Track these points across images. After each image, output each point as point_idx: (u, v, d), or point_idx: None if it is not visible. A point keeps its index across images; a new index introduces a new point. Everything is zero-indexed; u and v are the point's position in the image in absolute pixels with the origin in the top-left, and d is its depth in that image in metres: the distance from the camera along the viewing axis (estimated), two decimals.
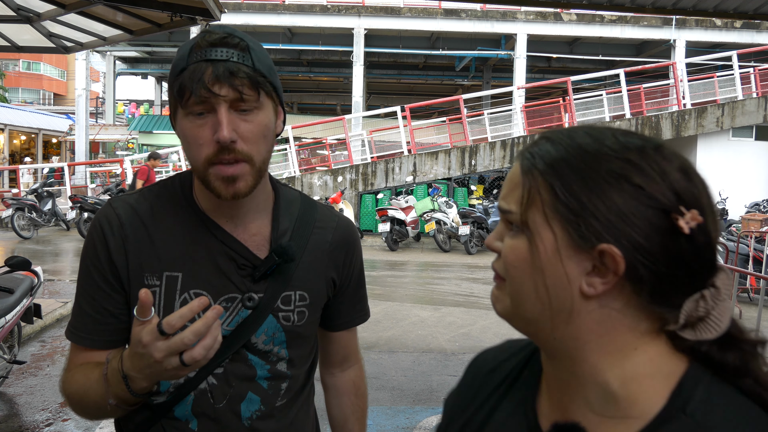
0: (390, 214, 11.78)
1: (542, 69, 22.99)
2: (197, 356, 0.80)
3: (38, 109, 31.97)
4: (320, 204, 1.15)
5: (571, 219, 0.58)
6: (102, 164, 20.23)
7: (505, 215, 0.63)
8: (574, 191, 0.58)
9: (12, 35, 4.88)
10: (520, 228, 0.61)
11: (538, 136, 0.64)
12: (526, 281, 0.61)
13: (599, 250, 0.56)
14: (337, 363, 1.22)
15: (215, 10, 3.87)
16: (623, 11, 5.03)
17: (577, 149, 0.60)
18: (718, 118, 15.28)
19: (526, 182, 0.61)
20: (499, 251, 0.64)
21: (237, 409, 1.01)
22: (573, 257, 0.58)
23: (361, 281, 1.18)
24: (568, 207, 0.58)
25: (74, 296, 1.03)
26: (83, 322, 0.99)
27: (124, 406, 0.91)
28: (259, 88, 0.91)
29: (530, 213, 0.60)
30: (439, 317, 6.50)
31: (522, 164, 0.62)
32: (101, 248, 0.98)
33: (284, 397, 1.05)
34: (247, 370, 1.01)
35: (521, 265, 0.61)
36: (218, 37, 0.90)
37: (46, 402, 3.99)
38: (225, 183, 0.93)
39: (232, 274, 1.00)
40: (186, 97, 0.89)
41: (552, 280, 0.59)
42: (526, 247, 0.60)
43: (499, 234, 0.65)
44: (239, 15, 18.10)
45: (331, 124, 16.54)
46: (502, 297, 0.64)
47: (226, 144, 0.90)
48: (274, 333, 1.03)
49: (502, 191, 0.65)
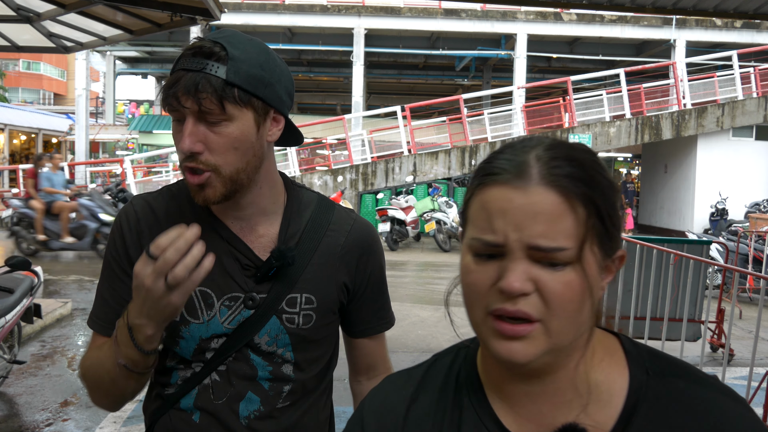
0: (390, 214, 11.78)
1: (542, 69, 22.98)
2: (179, 274, 0.81)
3: (38, 109, 31.95)
4: (339, 207, 1.14)
5: (605, 235, 0.59)
6: (102, 164, 20.22)
7: (549, 253, 0.57)
8: (607, 208, 0.59)
9: (12, 35, 4.88)
10: (573, 261, 0.57)
11: (538, 152, 0.60)
12: (577, 312, 0.58)
13: (620, 256, 0.62)
14: (363, 371, 1.20)
15: (215, 10, 3.86)
16: (623, 11, 5.03)
17: (591, 164, 0.60)
18: (718, 118, 15.28)
19: (577, 211, 0.57)
20: (528, 292, 0.57)
21: (236, 407, 1.02)
22: (601, 269, 0.61)
23: (381, 287, 1.16)
24: (604, 223, 0.59)
25: (96, 287, 1.09)
26: (104, 311, 1.05)
27: (134, 369, 0.92)
28: (224, 102, 0.92)
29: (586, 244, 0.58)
30: (439, 317, 6.50)
31: (558, 189, 0.57)
32: (119, 242, 1.04)
33: (287, 400, 1.05)
34: (248, 370, 1.02)
35: (577, 297, 0.58)
36: (197, 46, 0.93)
37: (46, 402, 3.99)
38: (194, 190, 0.97)
39: (235, 274, 1.01)
40: (163, 105, 0.94)
41: (596, 299, 0.60)
42: (580, 278, 0.58)
43: (528, 274, 0.57)
44: (239, 15, 18.09)
45: (331, 124, 16.53)
46: (534, 340, 0.58)
47: (188, 154, 0.93)
48: (277, 335, 1.03)
49: (532, 227, 0.57)
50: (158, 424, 1.05)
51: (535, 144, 0.61)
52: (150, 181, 16.46)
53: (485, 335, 0.61)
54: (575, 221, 0.57)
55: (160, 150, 16.87)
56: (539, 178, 0.58)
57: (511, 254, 0.58)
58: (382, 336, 1.20)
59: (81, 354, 5.07)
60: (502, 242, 0.58)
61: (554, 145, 0.61)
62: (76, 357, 4.99)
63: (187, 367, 1.03)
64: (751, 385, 3.57)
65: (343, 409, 1.65)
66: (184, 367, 1.03)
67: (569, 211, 0.57)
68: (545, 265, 0.57)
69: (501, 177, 0.59)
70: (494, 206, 0.59)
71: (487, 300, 0.59)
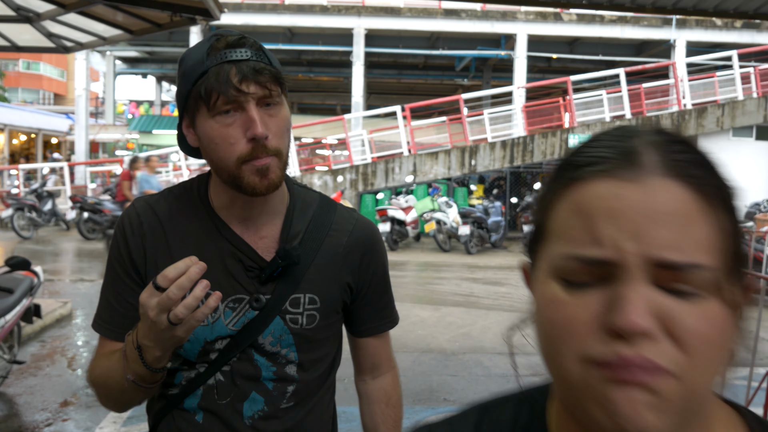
0: (390, 214, 11.78)
1: (542, 69, 22.98)
2: (179, 314, 0.81)
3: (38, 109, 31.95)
4: (342, 207, 1.14)
5: (738, 254, 0.43)
6: (102, 164, 20.23)
7: (682, 273, 0.40)
8: (738, 216, 0.43)
9: (12, 35, 4.88)
10: (708, 288, 0.40)
11: (656, 137, 0.44)
12: (717, 356, 0.41)
13: (748, 282, 0.44)
14: (368, 370, 1.20)
15: (215, 10, 3.87)
16: (623, 11, 5.03)
17: (712, 158, 0.44)
18: (718, 118, 15.28)
19: (717, 214, 0.41)
20: (652, 334, 0.39)
21: (239, 407, 1.02)
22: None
23: (385, 286, 1.17)
24: (736, 229, 0.43)
25: (100, 290, 1.08)
26: (109, 314, 1.05)
27: (142, 384, 0.93)
28: (281, 84, 0.96)
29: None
30: (439, 317, 6.50)
31: (692, 183, 0.41)
32: (123, 245, 1.04)
33: (291, 400, 1.05)
34: (252, 370, 1.02)
35: (724, 343, 0.41)
36: (235, 39, 0.94)
37: (46, 402, 3.99)
38: (260, 176, 0.95)
39: (239, 276, 1.02)
40: (214, 99, 0.92)
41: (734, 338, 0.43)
42: (724, 314, 0.41)
43: (652, 304, 0.40)
44: (239, 15, 18.09)
45: (331, 124, 16.53)
46: (665, 405, 0.40)
47: (263, 139, 0.93)
48: (281, 335, 1.03)
49: (656, 233, 0.40)
50: (162, 424, 1.05)
51: (639, 130, 0.45)
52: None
53: (584, 393, 0.42)
54: (716, 228, 0.41)
55: (160, 150, 16.86)
56: (660, 166, 0.41)
57: (625, 275, 0.40)
58: (387, 335, 1.20)
59: (81, 354, 5.08)
60: (613, 257, 0.40)
61: (664, 131, 0.45)
62: (76, 357, 4.99)
63: (191, 368, 1.03)
64: (752, 385, 3.57)
65: (343, 409, 1.65)
66: (188, 368, 1.03)
67: (706, 212, 0.41)
68: (672, 293, 0.40)
69: (604, 167, 0.42)
70: (599, 206, 0.41)
71: (587, 344, 0.41)
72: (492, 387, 4.39)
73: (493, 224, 12.34)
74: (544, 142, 14.53)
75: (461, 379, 4.60)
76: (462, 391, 4.33)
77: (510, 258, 11.51)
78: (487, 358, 5.11)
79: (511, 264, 10.75)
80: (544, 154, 14.53)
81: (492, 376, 4.66)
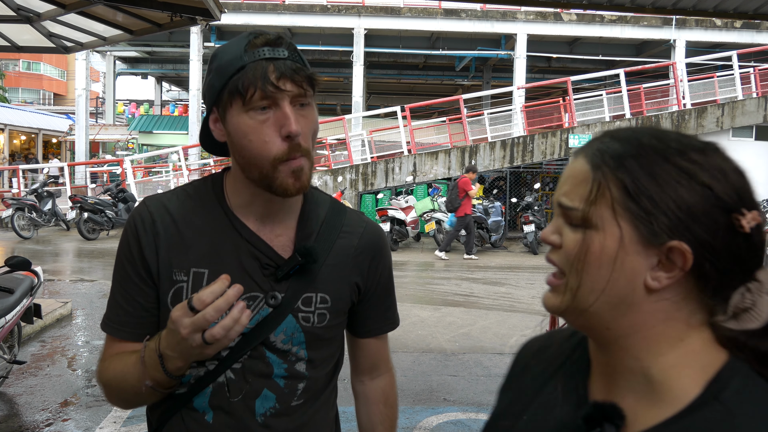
0: (390, 214, 11.78)
1: (542, 69, 22.99)
2: (216, 335, 0.84)
3: (38, 109, 31.98)
4: (350, 210, 1.16)
5: (642, 216, 0.59)
6: (102, 164, 20.23)
7: (566, 211, 0.64)
8: (645, 188, 0.59)
9: (12, 35, 4.88)
10: (583, 223, 0.62)
11: (602, 134, 0.66)
12: (590, 274, 0.62)
13: (669, 247, 0.59)
14: (366, 371, 1.22)
15: (215, 10, 3.87)
16: (623, 11, 5.03)
17: (645, 147, 0.61)
18: (718, 118, 15.29)
19: (595, 178, 0.62)
20: (556, 244, 0.65)
21: (251, 405, 1.02)
22: (640, 252, 0.60)
23: (389, 288, 1.18)
24: (639, 204, 0.59)
25: (109, 289, 1.07)
26: (117, 314, 1.04)
27: (159, 389, 0.95)
28: (314, 86, 0.96)
29: (597, 209, 0.61)
30: (439, 317, 6.50)
31: (591, 161, 0.63)
32: (134, 244, 1.03)
33: (301, 397, 1.06)
34: (264, 368, 1.03)
35: (587, 258, 0.62)
36: (273, 38, 0.95)
37: (46, 402, 3.99)
38: (294, 177, 0.96)
39: (255, 273, 1.02)
40: (250, 93, 0.92)
41: (617, 273, 0.61)
42: (591, 241, 0.62)
43: (556, 228, 0.66)
44: (239, 15, 18.10)
45: (331, 124, 16.54)
46: (559, 292, 0.65)
47: (298, 137, 0.94)
48: (293, 333, 1.04)
49: (562, 187, 0.65)
50: (168, 425, 1.04)
51: (601, 134, 0.67)
52: (150, 182, 16.48)
53: None
54: (593, 187, 0.62)
55: (160, 150, 16.86)
56: (585, 152, 0.65)
57: (554, 210, 0.67)
58: (386, 336, 1.22)
59: (81, 354, 5.08)
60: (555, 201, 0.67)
61: (630, 129, 0.65)
62: (76, 357, 4.99)
63: (201, 365, 1.02)
64: None
65: (344, 409, 1.65)
66: (197, 365, 1.02)
67: (593, 177, 0.62)
68: (570, 224, 0.64)
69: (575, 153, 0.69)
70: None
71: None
72: (492, 387, 4.39)
73: (493, 224, 12.34)
74: (544, 142, 14.53)
75: (461, 379, 4.60)
76: (462, 391, 4.33)
77: (510, 258, 11.52)
78: (487, 358, 5.11)
79: (511, 264, 10.75)
80: (544, 154, 14.54)
81: (492, 376, 4.65)
